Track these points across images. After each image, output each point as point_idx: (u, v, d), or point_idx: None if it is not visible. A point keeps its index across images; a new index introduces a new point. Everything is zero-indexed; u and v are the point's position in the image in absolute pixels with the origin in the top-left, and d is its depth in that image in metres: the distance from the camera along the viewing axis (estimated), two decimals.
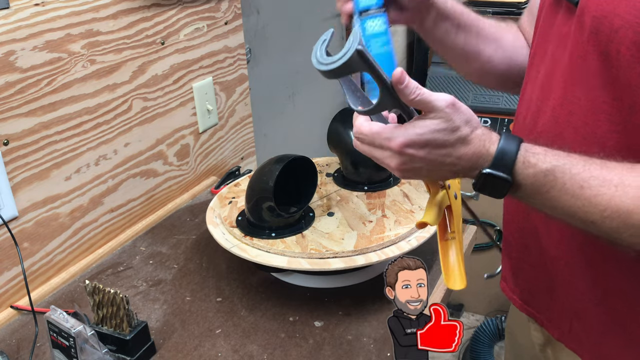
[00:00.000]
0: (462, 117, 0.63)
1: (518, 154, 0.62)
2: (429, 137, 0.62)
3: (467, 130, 0.62)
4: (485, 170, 0.62)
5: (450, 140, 0.62)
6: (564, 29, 0.71)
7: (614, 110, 0.64)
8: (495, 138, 0.63)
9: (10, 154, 0.93)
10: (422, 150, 0.62)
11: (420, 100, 0.62)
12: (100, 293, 0.80)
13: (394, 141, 0.62)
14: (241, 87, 1.46)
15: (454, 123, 0.62)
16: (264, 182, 0.93)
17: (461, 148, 0.63)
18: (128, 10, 1.10)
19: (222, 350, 0.85)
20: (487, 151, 0.63)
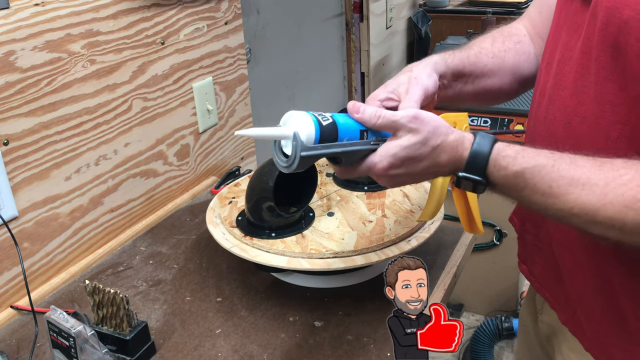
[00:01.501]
0: (428, 127, 0.67)
1: (490, 157, 0.66)
2: (404, 154, 0.67)
3: (437, 140, 0.67)
4: (461, 174, 0.68)
5: (425, 153, 0.68)
6: (577, 19, 0.71)
7: (619, 101, 0.65)
8: (467, 144, 0.68)
9: (10, 154, 0.93)
10: (402, 167, 0.68)
11: (383, 123, 0.68)
12: (100, 293, 0.80)
13: (375, 169, 0.69)
14: (241, 87, 1.46)
15: (422, 135, 0.67)
16: (264, 182, 0.93)
17: (436, 157, 0.68)
18: (128, 10, 1.10)
19: (222, 350, 0.85)
20: (460, 156, 0.68)
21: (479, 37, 0.92)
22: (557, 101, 0.74)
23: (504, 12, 2.55)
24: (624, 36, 0.62)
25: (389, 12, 2.45)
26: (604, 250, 0.72)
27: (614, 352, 0.76)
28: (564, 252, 0.78)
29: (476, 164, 0.67)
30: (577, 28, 0.71)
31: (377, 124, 0.68)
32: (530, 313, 0.97)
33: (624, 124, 0.65)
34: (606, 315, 0.75)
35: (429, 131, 0.67)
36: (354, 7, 2.23)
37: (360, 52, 2.30)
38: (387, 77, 2.56)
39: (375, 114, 0.68)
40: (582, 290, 0.77)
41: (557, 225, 0.79)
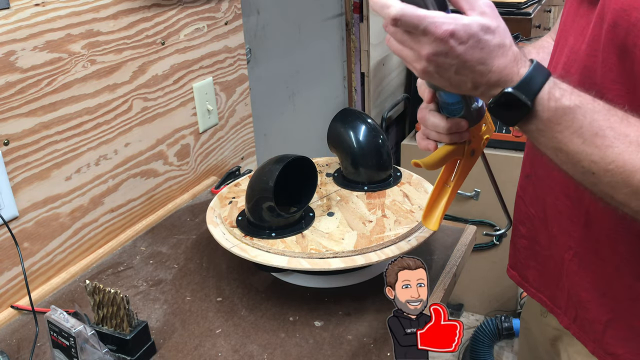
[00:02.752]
0: (502, 24, 0.61)
1: (545, 83, 0.61)
2: (474, 30, 0.59)
3: (505, 39, 0.61)
4: (508, 90, 0.60)
5: (491, 43, 0.60)
6: (583, 21, 0.71)
7: (626, 102, 0.64)
8: (527, 62, 0.62)
9: (11, 154, 0.93)
10: (463, 45, 0.59)
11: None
12: (101, 293, 0.80)
13: (440, 27, 0.58)
14: (241, 87, 1.46)
15: (495, 23, 0.60)
16: (264, 182, 0.93)
17: (495, 57, 0.60)
18: (128, 10, 1.10)
19: (222, 350, 0.85)
20: (517, 71, 0.61)
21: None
22: None
23: (504, 12, 2.55)
24: (631, 38, 0.61)
25: None
26: (611, 251, 0.72)
27: (620, 353, 0.76)
28: (567, 254, 0.78)
29: (531, 85, 0.60)
30: (582, 30, 0.71)
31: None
32: (533, 315, 0.97)
33: None
34: (612, 318, 0.75)
35: (500, 26, 0.61)
36: (354, 7, 2.23)
37: (360, 52, 2.30)
38: (387, 77, 2.56)
39: None
40: (586, 293, 0.77)
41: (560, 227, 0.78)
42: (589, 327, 0.78)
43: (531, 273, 0.89)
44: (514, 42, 0.62)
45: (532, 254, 0.87)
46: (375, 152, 1.09)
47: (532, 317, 0.98)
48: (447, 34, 0.58)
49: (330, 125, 1.14)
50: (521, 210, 0.88)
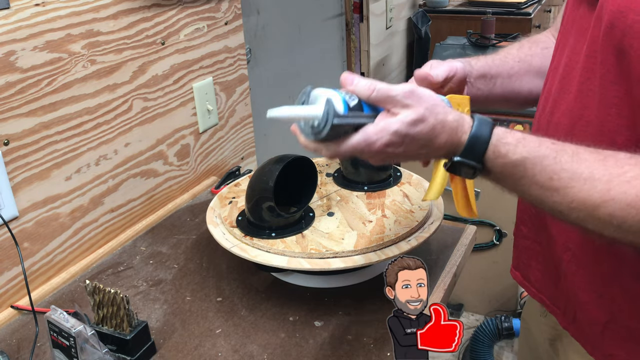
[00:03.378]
0: (426, 104, 0.64)
1: (489, 143, 0.63)
2: (405, 131, 0.63)
3: (436, 119, 0.64)
4: (456, 159, 0.65)
5: (424, 131, 0.63)
6: (583, 23, 0.71)
7: (624, 104, 0.65)
8: (467, 126, 0.65)
9: (11, 154, 0.93)
10: (402, 146, 0.64)
11: (377, 96, 0.64)
12: (101, 293, 0.80)
13: (374, 146, 0.63)
14: (241, 87, 1.46)
15: (420, 111, 0.63)
16: (264, 182, 0.93)
17: (434, 138, 0.64)
18: (128, 10, 1.10)
19: (222, 350, 0.85)
20: (459, 140, 0.64)
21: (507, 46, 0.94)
22: (562, 105, 0.74)
23: (504, 12, 2.55)
24: (628, 39, 0.61)
25: (389, 12, 2.45)
26: (608, 253, 0.72)
27: (618, 354, 0.75)
28: (566, 255, 0.78)
29: (475, 150, 0.64)
30: (583, 32, 0.71)
31: (371, 97, 0.64)
32: (533, 315, 0.97)
33: (631, 128, 0.65)
34: (610, 319, 0.75)
35: (426, 108, 0.63)
36: (354, 8, 2.23)
37: (360, 52, 2.30)
38: (387, 77, 2.56)
39: (369, 87, 0.64)
40: (584, 294, 0.77)
41: (559, 228, 0.79)
42: (587, 328, 0.78)
43: (533, 273, 0.89)
44: (450, 108, 0.66)
45: (534, 254, 0.87)
46: None
47: (532, 317, 0.98)
48: (382, 147, 0.63)
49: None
50: (523, 210, 0.88)
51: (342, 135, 0.64)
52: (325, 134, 0.63)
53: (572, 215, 0.62)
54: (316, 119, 0.63)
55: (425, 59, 2.55)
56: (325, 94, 0.64)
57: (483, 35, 2.27)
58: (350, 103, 0.65)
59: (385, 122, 0.63)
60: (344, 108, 0.64)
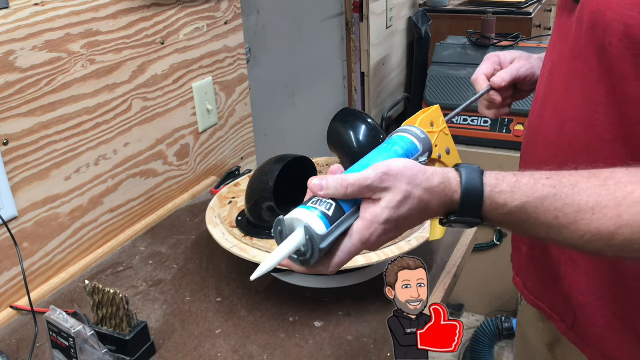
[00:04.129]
0: (404, 179, 0.60)
1: (484, 196, 0.60)
2: (396, 215, 0.60)
3: (420, 190, 0.60)
4: (453, 218, 0.62)
5: (413, 206, 0.60)
6: (566, 27, 0.72)
7: (610, 102, 0.65)
8: (455, 184, 0.61)
9: (10, 154, 0.93)
10: (397, 229, 0.61)
11: (353, 191, 0.60)
12: (100, 293, 0.80)
13: (370, 241, 0.60)
14: (241, 87, 1.46)
15: (401, 190, 0.60)
16: (264, 182, 0.93)
17: (426, 208, 0.61)
18: (128, 10, 1.10)
19: (222, 350, 0.85)
20: (451, 201, 0.61)
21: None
22: (549, 107, 0.75)
23: (504, 12, 2.55)
24: (608, 38, 0.62)
25: (389, 12, 2.45)
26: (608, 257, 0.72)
27: (618, 357, 0.75)
28: (564, 258, 0.78)
29: (471, 206, 0.61)
30: (565, 35, 0.72)
31: (347, 194, 0.60)
32: (530, 321, 0.96)
33: (618, 125, 0.65)
34: (611, 322, 0.75)
35: (408, 183, 0.60)
36: (354, 7, 2.23)
37: (360, 52, 2.30)
38: (387, 76, 2.56)
39: (341, 185, 0.60)
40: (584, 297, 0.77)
41: None
42: (587, 331, 0.78)
43: (530, 280, 0.89)
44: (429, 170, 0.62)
45: (530, 260, 0.87)
46: None
47: (529, 322, 0.97)
48: (379, 239, 0.60)
49: (330, 125, 1.13)
50: None
51: (333, 246, 0.60)
52: (318, 259, 0.58)
53: (588, 247, 0.59)
54: (302, 246, 0.59)
55: (426, 59, 2.55)
56: (300, 217, 0.59)
57: (483, 35, 2.26)
58: (329, 212, 0.59)
59: (373, 215, 0.60)
60: (325, 224, 0.59)
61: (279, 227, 0.61)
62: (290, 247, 0.58)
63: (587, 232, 0.58)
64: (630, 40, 0.60)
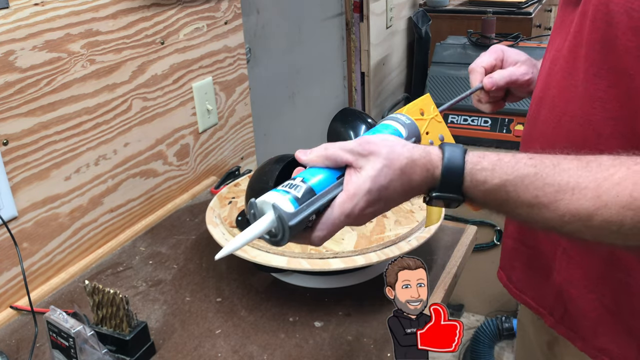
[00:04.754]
0: (385, 149, 0.60)
1: (464, 173, 0.60)
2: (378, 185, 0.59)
3: (401, 161, 0.60)
4: (435, 194, 0.62)
5: (395, 177, 0.60)
6: (568, 21, 0.72)
7: (609, 97, 0.65)
8: (437, 159, 0.61)
9: (10, 154, 0.93)
10: (380, 201, 0.61)
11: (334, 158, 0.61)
12: (100, 293, 0.80)
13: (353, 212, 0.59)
14: (241, 87, 1.46)
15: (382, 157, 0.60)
16: (264, 182, 0.93)
17: (408, 180, 0.61)
18: (127, 10, 1.09)
19: (222, 350, 0.85)
20: (432, 176, 0.61)
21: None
22: (546, 101, 0.75)
23: (504, 12, 2.55)
24: (612, 30, 0.62)
25: (389, 11, 2.45)
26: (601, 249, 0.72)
27: (610, 349, 0.75)
28: (557, 251, 0.78)
29: (451, 182, 0.61)
30: (566, 30, 0.72)
31: (328, 155, 0.61)
32: (529, 318, 0.97)
33: (617, 119, 0.65)
34: (602, 314, 0.75)
35: (388, 152, 0.60)
36: (354, 7, 2.23)
37: (360, 52, 2.30)
38: (387, 76, 2.56)
39: (324, 147, 0.61)
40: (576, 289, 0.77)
41: None
42: (579, 323, 0.78)
43: (515, 274, 0.89)
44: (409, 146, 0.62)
45: (517, 254, 0.87)
46: None
47: (528, 320, 0.97)
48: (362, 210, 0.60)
49: (330, 125, 1.13)
50: None
51: (309, 225, 0.60)
52: (289, 238, 0.58)
53: (566, 228, 0.59)
54: (272, 227, 0.59)
55: (426, 59, 2.55)
56: (270, 199, 0.60)
57: (484, 35, 2.26)
58: (299, 194, 0.59)
59: (355, 186, 0.59)
60: (293, 204, 0.59)
61: (251, 210, 0.61)
62: (260, 227, 0.58)
63: (566, 213, 0.58)
64: (635, 32, 0.59)
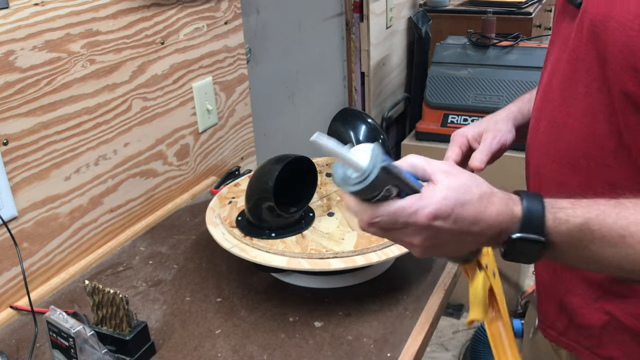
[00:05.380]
0: (466, 174, 0.58)
1: (545, 211, 0.57)
2: (453, 197, 0.55)
3: (482, 188, 0.57)
4: (515, 235, 0.57)
5: (473, 199, 0.56)
6: (565, 32, 0.71)
7: (612, 111, 0.64)
8: (516, 197, 0.58)
9: (10, 154, 0.93)
10: (449, 219, 0.56)
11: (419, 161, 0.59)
12: (100, 293, 0.80)
13: (420, 214, 0.55)
14: (241, 87, 1.46)
15: (463, 178, 0.57)
16: (264, 182, 0.93)
17: (484, 210, 0.56)
18: (128, 10, 1.09)
19: (222, 350, 0.85)
20: (512, 212, 0.57)
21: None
22: (546, 113, 0.74)
23: (505, 12, 2.55)
24: (609, 47, 0.61)
25: (389, 11, 2.45)
26: None
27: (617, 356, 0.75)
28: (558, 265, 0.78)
29: (534, 221, 0.56)
30: (564, 41, 0.71)
31: (412, 167, 0.58)
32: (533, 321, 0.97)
33: (621, 134, 0.64)
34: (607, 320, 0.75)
35: (470, 176, 0.57)
36: (354, 7, 2.23)
37: (360, 52, 2.30)
38: (387, 76, 2.56)
39: (408, 160, 0.59)
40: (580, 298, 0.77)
41: None
42: (584, 333, 0.78)
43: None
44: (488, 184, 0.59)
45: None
46: None
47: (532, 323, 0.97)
48: (430, 218, 0.55)
49: (330, 125, 1.13)
50: None
51: (381, 198, 0.56)
52: (373, 179, 0.53)
53: None
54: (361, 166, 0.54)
55: (426, 59, 2.55)
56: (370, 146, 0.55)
57: (484, 35, 2.26)
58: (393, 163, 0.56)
59: (431, 190, 0.56)
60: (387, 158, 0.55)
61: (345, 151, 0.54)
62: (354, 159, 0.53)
63: None
64: (631, 50, 0.59)
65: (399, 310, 0.91)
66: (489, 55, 2.22)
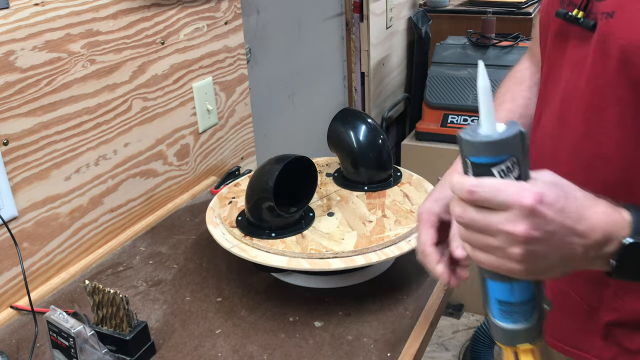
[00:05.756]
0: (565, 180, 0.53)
1: None
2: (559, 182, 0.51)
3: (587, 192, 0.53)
4: (627, 240, 0.51)
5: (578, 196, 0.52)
6: (578, 54, 0.68)
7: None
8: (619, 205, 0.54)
9: (10, 154, 0.93)
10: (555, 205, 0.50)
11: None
12: (100, 293, 0.80)
13: (526, 193, 0.49)
14: (241, 87, 1.46)
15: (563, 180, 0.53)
16: (264, 182, 0.93)
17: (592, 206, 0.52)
18: (128, 10, 1.10)
19: (222, 350, 0.85)
20: (619, 214, 0.52)
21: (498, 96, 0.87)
22: (566, 143, 0.70)
23: (504, 12, 2.55)
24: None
25: (389, 12, 2.45)
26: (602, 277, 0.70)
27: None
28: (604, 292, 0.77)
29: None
30: (578, 64, 0.68)
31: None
32: None
33: None
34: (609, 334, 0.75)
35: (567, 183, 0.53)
36: (354, 7, 2.23)
37: (360, 52, 2.30)
38: (387, 76, 2.56)
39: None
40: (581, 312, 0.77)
41: None
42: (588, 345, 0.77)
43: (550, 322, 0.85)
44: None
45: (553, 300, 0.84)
46: (375, 152, 1.09)
47: None
48: (537, 200, 0.49)
49: (330, 125, 1.13)
50: None
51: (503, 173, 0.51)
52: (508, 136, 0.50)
53: None
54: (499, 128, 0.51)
55: (426, 59, 2.55)
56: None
57: (483, 35, 2.26)
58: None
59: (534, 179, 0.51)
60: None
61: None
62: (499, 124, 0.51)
63: None
64: None
65: (399, 310, 0.91)
66: (488, 56, 2.22)
